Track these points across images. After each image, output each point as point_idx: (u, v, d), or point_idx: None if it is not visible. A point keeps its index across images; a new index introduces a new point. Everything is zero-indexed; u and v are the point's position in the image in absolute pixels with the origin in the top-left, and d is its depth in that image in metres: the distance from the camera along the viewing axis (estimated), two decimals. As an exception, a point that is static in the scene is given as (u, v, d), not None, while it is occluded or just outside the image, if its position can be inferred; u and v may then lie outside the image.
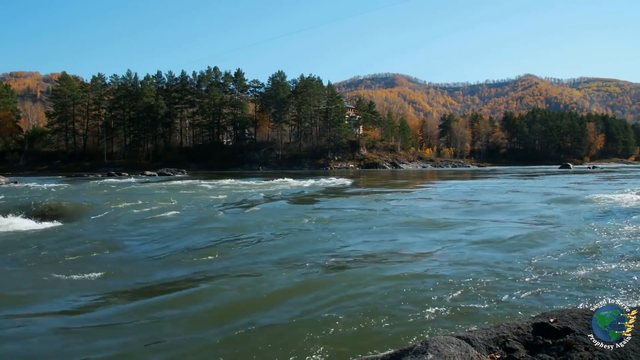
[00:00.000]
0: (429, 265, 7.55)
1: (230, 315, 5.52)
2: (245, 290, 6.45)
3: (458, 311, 5.34)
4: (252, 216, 14.78)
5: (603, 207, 15.59)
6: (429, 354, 2.86)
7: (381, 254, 8.74)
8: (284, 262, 8.15)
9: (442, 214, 14.95)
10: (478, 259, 7.91)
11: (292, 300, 5.96)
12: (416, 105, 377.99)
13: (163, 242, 10.75)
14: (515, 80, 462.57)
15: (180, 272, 7.89)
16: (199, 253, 9.31)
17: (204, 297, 6.22)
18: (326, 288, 6.37)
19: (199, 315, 5.57)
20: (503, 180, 39.65)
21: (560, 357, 2.86)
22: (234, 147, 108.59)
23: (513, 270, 7.08)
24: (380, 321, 5.09)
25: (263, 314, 5.52)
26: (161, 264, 8.62)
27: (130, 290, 6.97)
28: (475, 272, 6.94)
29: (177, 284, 7.15)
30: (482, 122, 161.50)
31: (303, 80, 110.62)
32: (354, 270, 7.41)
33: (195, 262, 8.57)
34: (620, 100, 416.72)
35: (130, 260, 9.11)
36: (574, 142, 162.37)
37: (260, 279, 7.00)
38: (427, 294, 5.97)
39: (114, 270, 8.09)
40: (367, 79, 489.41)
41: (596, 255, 7.94)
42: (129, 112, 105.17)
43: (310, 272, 7.34)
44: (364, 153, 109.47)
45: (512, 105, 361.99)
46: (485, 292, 6.00)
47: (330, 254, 8.69)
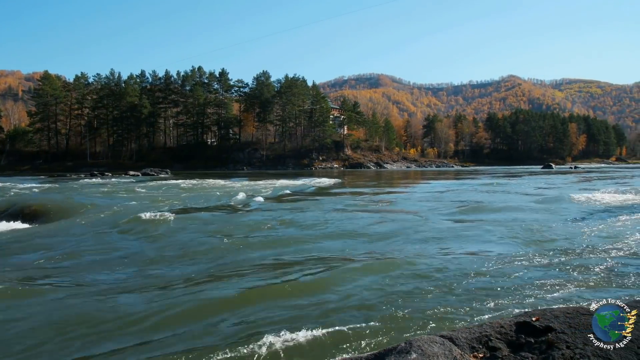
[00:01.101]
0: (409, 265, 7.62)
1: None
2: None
3: (439, 310, 5.42)
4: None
5: (584, 207, 15.82)
6: (413, 354, 2.88)
7: (367, 253, 8.80)
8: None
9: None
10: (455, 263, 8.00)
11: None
12: (400, 105, 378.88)
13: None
14: (499, 81, 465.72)
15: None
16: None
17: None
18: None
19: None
20: (486, 180, 39.90)
21: (542, 356, 2.91)
22: (218, 147, 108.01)
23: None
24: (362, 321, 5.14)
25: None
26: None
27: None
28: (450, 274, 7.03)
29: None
30: (465, 123, 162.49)
31: (287, 80, 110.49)
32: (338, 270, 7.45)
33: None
34: (601, 101, 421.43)
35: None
36: (556, 142, 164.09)
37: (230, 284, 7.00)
38: (411, 293, 6.05)
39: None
40: (352, 79, 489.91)
41: (572, 253, 8.08)
42: (112, 112, 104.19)
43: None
44: (348, 153, 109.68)
45: (495, 105, 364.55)
46: (463, 291, 6.09)
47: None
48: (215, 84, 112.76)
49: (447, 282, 6.53)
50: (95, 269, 8.19)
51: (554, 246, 8.96)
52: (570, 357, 2.84)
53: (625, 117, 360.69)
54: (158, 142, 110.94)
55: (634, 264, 7.34)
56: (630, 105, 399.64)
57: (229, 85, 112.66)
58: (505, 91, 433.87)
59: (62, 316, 5.57)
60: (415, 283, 6.53)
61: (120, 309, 5.79)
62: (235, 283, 6.82)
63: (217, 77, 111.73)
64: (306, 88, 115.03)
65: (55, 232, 12.57)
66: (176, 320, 5.39)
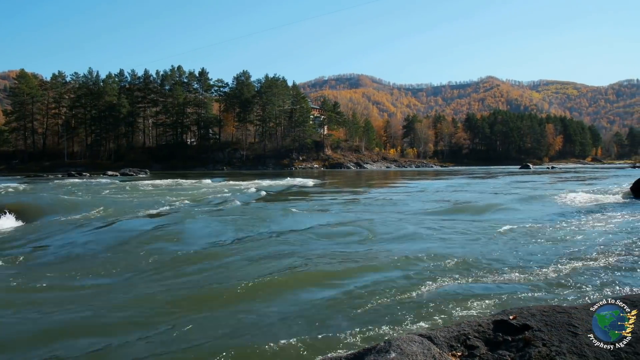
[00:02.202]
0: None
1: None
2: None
3: (420, 310, 5.52)
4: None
5: (556, 206, 16.08)
6: (392, 353, 2.90)
7: (351, 254, 8.89)
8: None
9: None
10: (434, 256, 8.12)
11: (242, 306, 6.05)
12: (380, 105, 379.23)
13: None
14: (477, 82, 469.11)
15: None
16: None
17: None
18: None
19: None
20: (467, 180, 40.19)
21: (519, 353, 2.96)
22: (198, 147, 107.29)
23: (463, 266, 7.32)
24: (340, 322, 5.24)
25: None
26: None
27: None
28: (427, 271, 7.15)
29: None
30: (445, 123, 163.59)
31: (268, 80, 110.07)
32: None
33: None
34: (577, 102, 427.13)
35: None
36: (534, 143, 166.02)
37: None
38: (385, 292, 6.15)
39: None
40: (332, 80, 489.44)
41: (546, 251, 8.24)
42: (90, 111, 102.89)
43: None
44: (328, 153, 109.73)
45: (474, 106, 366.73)
46: (441, 290, 6.21)
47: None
48: (195, 83, 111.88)
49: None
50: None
51: (526, 247, 9.12)
52: (546, 354, 2.89)
53: (600, 118, 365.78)
54: (137, 142, 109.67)
55: (602, 263, 7.52)
56: (605, 106, 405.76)
57: (208, 84, 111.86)
58: (483, 92, 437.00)
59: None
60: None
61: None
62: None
63: (196, 76, 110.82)
64: (286, 88, 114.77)
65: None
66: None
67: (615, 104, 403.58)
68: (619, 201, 17.94)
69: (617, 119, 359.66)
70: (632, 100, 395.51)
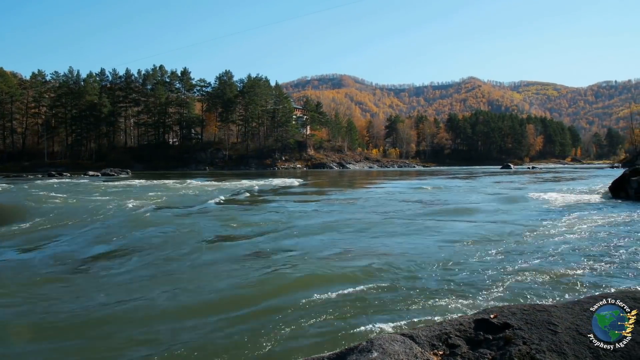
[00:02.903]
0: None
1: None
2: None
3: (398, 309, 5.57)
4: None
5: (537, 207, 16.27)
6: (374, 352, 2.93)
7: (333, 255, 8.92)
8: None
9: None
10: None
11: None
12: (363, 106, 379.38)
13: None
14: (459, 83, 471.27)
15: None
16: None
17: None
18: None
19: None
20: (448, 180, 40.41)
21: (500, 352, 3.00)
22: (180, 147, 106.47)
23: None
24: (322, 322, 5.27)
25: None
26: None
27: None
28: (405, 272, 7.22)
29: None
30: (427, 123, 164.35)
31: (250, 80, 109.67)
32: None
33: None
34: (557, 103, 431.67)
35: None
36: (515, 143, 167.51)
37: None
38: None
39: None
40: (315, 80, 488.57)
41: (523, 251, 8.35)
42: (70, 111, 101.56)
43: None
44: (311, 153, 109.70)
45: (456, 107, 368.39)
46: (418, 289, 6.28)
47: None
48: (177, 83, 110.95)
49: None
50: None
51: (506, 246, 9.23)
52: (526, 352, 2.93)
53: (580, 119, 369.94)
54: (118, 142, 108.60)
55: (581, 262, 7.65)
56: (585, 107, 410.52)
57: (191, 84, 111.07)
58: (465, 92, 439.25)
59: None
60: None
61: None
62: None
63: (179, 76, 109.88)
64: (269, 88, 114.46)
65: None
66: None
67: (594, 105, 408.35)
68: (598, 201, 18.21)
69: (596, 119, 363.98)
70: (610, 101, 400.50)
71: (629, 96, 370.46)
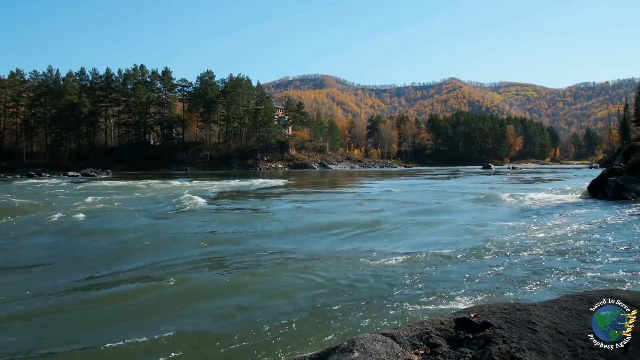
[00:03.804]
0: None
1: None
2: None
3: (381, 309, 5.61)
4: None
5: (513, 207, 16.44)
6: (356, 352, 2.92)
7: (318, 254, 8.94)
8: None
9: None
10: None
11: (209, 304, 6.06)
12: (345, 106, 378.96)
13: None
14: (440, 83, 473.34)
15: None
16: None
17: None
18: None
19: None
20: (430, 181, 40.64)
21: (480, 350, 2.99)
22: (161, 147, 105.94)
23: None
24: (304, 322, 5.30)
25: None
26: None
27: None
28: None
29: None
30: (408, 124, 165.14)
31: (232, 80, 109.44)
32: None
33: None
34: (537, 104, 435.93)
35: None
36: (495, 143, 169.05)
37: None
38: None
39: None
40: (296, 80, 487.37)
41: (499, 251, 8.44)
42: (50, 110, 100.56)
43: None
44: (293, 153, 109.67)
45: (437, 107, 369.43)
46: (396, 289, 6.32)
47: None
48: (158, 82, 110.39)
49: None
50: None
51: (486, 245, 9.31)
52: (506, 350, 2.94)
53: (559, 120, 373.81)
54: (99, 142, 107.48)
55: (560, 260, 7.75)
56: (564, 108, 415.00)
57: (172, 84, 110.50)
58: (446, 93, 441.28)
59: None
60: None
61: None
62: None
63: (160, 76, 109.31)
64: (251, 88, 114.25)
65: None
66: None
67: (573, 106, 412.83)
68: (577, 200, 18.48)
69: (575, 120, 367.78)
70: (588, 102, 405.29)
71: (607, 97, 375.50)
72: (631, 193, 17.96)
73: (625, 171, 20.10)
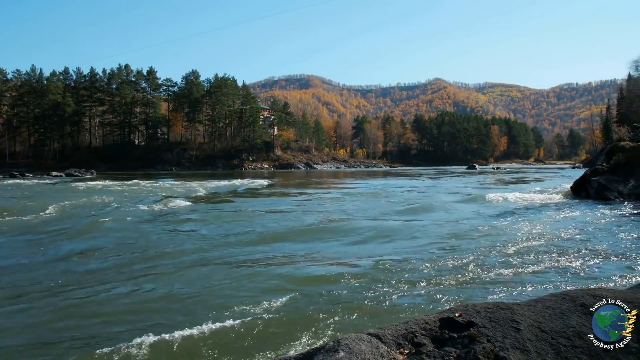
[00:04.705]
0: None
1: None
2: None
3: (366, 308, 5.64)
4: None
5: (497, 207, 16.56)
6: (341, 352, 2.94)
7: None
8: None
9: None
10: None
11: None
12: (330, 106, 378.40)
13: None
14: (425, 84, 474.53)
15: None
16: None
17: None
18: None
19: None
20: (416, 181, 40.77)
21: (465, 350, 3.01)
22: (146, 147, 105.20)
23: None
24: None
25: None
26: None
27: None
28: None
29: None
30: (393, 124, 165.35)
31: (217, 80, 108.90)
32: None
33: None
34: (521, 104, 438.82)
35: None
36: (480, 144, 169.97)
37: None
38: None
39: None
40: (282, 80, 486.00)
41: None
42: (33, 110, 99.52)
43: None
44: (278, 153, 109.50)
45: (422, 107, 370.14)
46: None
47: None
48: (142, 82, 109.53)
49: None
50: None
51: (470, 245, 9.38)
52: (490, 349, 2.95)
53: (542, 120, 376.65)
54: (83, 142, 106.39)
55: (546, 258, 7.83)
56: (547, 109, 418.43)
57: (157, 84, 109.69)
58: (431, 94, 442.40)
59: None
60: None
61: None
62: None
63: (144, 75, 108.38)
64: (236, 88, 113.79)
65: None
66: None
67: (557, 106, 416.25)
68: (561, 200, 18.67)
69: (558, 121, 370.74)
70: (571, 103, 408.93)
71: (590, 98, 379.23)
72: (613, 193, 18.21)
73: (607, 171, 20.37)
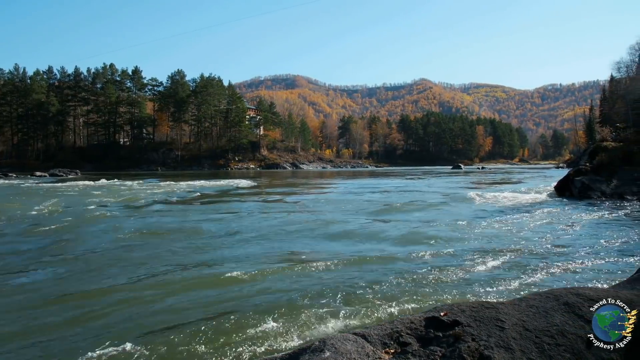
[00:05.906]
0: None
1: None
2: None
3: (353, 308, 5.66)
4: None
5: (481, 206, 16.68)
6: (327, 352, 2.96)
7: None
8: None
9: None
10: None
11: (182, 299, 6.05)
12: (316, 106, 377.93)
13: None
14: (411, 84, 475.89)
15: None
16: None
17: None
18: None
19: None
20: (405, 181, 40.88)
21: (450, 349, 3.04)
22: (131, 147, 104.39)
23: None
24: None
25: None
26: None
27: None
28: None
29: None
30: (379, 124, 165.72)
31: (203, 80, 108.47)
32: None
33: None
34: (505, 105, 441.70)
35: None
36: (465, 144, 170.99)
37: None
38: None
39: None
40: (268, 80, 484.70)
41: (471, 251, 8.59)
42: (16, 109, 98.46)
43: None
44: (264, 153, 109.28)
45: (408, 108, 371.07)
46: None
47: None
48: (128, 82, 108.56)
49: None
50: None
51: (456, 244, 9.45)
52: (475, 348, 3.00)
53: (527, 121, 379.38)
54: (67, 142, 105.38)
55: (529, 257, 7.91)
56: (532, 109, 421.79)
57: (142, 83, 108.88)
58: (417, 94, 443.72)
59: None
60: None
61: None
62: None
63: (130, 75, 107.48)
64: (222, 88, 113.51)
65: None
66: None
67: (541, 107, 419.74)
68: (544, 199, 18.86)
69: (542, 121, 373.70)
70: (555, 103, 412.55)
71: (573, 99, 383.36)
72: (596, 192, 18.45)
73: (590, 171, 20.64)
